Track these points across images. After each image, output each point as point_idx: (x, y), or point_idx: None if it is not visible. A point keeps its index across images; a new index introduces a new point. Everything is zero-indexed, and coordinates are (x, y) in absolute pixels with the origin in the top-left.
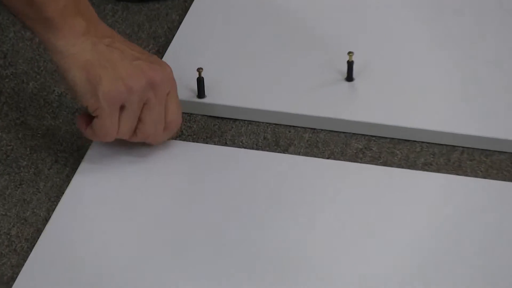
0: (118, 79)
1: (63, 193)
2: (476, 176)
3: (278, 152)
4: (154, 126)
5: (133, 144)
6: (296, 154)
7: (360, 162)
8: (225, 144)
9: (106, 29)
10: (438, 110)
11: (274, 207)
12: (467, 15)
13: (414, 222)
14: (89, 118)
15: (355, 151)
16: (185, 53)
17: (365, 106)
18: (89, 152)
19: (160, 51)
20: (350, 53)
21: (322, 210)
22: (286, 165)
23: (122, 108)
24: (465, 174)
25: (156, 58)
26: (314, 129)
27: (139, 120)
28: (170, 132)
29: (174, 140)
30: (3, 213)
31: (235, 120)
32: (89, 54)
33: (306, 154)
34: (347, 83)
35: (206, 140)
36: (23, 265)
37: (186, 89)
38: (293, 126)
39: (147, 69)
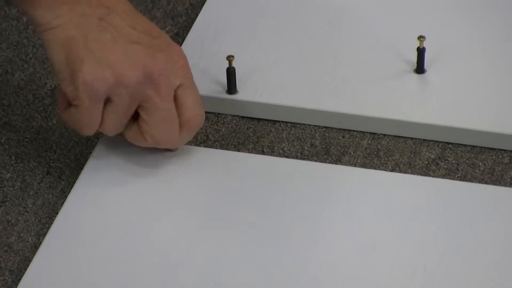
0: (105, 66)
1: (57, 213)
2: None
3: (328, 163)
4: (164, 127)
5: (146, 151)
6: (351, 165)
7: (433, 176)
8: (262, 152)
9: None
10: None
11: (324, 230)
12: None
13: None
14: None
15: (426, 162)
16: (212, 37)
17: (440, 105)
18: (90, 162)
19: (180, 34)
20: (421, 37)
21: (385, 233)
22: (338, 179)
23: (108, 100)
24: None
25: (164, 41)
26: (375, 134)
27: (144, 121)
28: (189, 133)
29: (197, 147)
30: None
31: (274, 122)
32: (74, 29)
33: (364, 165)
34: (416, 75)
35: (237, 147)
36: None
37: (212, 83)
38: (348, 130)
39: (146, 57)
